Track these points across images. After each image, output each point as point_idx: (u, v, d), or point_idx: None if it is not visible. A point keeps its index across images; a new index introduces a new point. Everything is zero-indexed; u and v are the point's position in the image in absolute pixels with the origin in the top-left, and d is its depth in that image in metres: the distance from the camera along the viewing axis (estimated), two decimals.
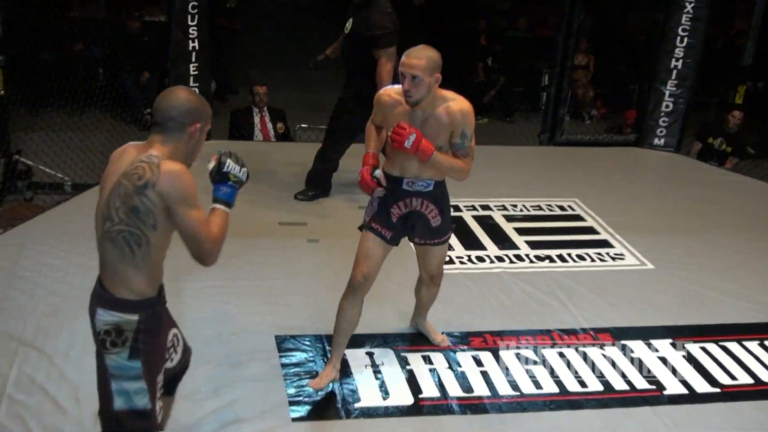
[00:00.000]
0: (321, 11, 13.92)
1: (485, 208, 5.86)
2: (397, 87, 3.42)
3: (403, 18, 5.70)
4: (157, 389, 2.56)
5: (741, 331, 4.36)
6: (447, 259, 4.92)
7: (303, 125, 7.68)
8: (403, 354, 3.97)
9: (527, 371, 3.92)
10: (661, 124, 7.53)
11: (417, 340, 4.10)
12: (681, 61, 7.34)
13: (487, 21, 11.11)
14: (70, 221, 5.21)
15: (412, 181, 3.49)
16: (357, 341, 3.99)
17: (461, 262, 5.00)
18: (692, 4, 7.20)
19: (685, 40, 7.28)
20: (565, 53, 7.55)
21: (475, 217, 5.68)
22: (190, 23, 6.54)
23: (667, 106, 7.49)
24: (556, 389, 3.79)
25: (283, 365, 3.82)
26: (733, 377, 3.98)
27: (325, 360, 3.83)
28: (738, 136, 7.90)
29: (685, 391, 3.85)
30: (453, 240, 5.27)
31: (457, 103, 3.40)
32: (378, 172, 3.50)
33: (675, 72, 7.38)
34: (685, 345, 4.20)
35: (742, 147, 8.05)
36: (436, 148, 3.36)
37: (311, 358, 3.88)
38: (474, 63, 10.10)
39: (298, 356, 3.90)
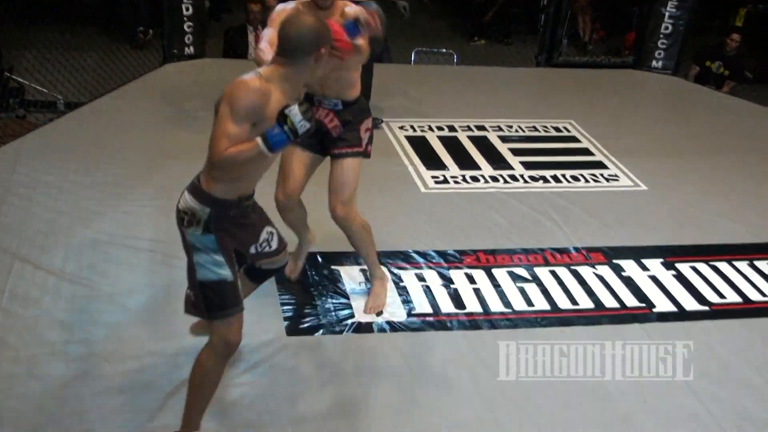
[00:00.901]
0: None
1: (480, 128, 5.83)
2: (290, 4, 3.38)
3: None
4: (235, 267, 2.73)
5: (732, 251, 4.38)
6: (441, 178, 4.96)
7: None
8: (396, 271, 3.99)
9: (519, 289, 3.95)
10: (660, 47, 7.45)
11: (411, 258, 4.12)
12: None
13: None
14: (63, 138, 5.18)
15: (320, 100, 3.45)
16: (351, 259, 4.02)
17: (455, 182, 5.00)
18: None
19: None
20: None
21: (471, 138, 5.66)
22: None
23: (666, 28, 7.40)
24: (547, 306, 3.82)
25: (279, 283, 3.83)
26: (721, 296, 4.02)
27: (318, 275, 3.86)
28: (736, 59, 7.82)
29: (674, 308, 3.89)
30: (448, 159, 5.27)
31: (352, 9, 3.35)
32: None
33: None
34: (676, 264, 4.23)
35: (740, 71, 7.98)
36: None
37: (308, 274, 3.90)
38: None
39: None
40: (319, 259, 4.02)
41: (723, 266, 4.26)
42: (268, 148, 2.49)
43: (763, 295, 4.06)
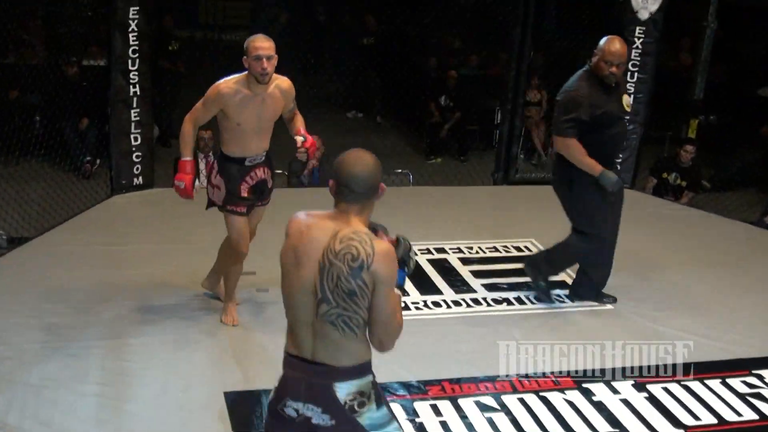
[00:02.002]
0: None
1: (440, 251, 5.89)
2: (233, 77, 4.27)
3: (356, 58, 5.75)
4: None
5: (703, 370, 4.40)
6: (402, 305, 4.95)
7: None
8: None
9: (488, 419, 3.91)
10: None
11: None
12: (632, 96, 7.48)
13: (437, 59, 11.25)
14: (5, 277, 5.12)
15: (253, 158, 4.37)
16: None
17: (417, 308, 5.01)
18: (641, 39, 7.38)
19: (636, 75, 7.45)
20: (516, 90, 7.67)
21: (431, 261, 5.70)
22: (131, 67, 6.53)
23: None
24: None
25: (234, 423, 3.76)
26: (696, 417, 4.02)
27: None
28: (692, 170, 8.06)
29: None
30: (408, 285, 5.29)
31: (283, 81, 4.38)
32: None
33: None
34: (647, 386, 4.23)
35: (697, 181, 8.21)
36: (278, 116, 4.41)
37: (263, 415, 3.83)
38: (427, 101, 10.22)
39: (250, 413, 3.84)
40: None
41: (695, 385, 4.28)
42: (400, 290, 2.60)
43: (739, 414, 4.07)
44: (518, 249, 6.03)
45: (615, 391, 4.20)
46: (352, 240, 2.43)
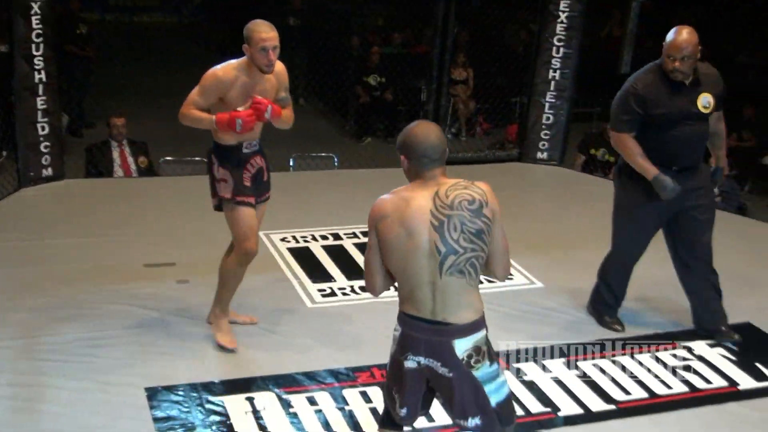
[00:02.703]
0: (186, 34, 13.91)
1: (366, 234, 5.89)
2: (231, 63, 4.06)
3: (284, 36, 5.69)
4: None
5: (634, 344, 4.52)
6: (328, 291, 5.00)
7: (168, 158, 7.57)
8: (285, 396, 3.95)
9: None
10: (543, 137, 7.79)
11: (300, 380, 4.09)
12: (558, 71, 7.63)
13: (360, 38, 11.28)
14: None
15: (247, 144, 4.17)
16: (235, 386, 3.97)
17: (344, 294, 5.03)
18: (566, 14, 7.49)
19: (561, 50, 7.56)
20: (441, 68, 7.72)
21: (357, 245, 5.72)
22: (35, 53, 6.38)
23: (548, 119, 7.75)
24: (449, 420, 3.82)
25: (155, 419, 3.74)
26: (627, 392, 4.13)
27: (202, 410, 3.79)
28: None
29: (580, 410, 3.97)
30: (335, 270, 5.31)
31: (277, 63, 4.09)
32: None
33: (553, 83, 7.66)
34: (579, 363, 4.33)
35: None
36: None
37: (186, 410, 3.82)
38: (353, 83, 10.23)
39: (171, 408, 3.82)
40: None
41: (625, 360, 4.39)
42: None
43: (669, 387, 4.20)
44: None
45: (546, 370, 4.29)
46: (457, 189, 2.76)
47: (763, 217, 7.48)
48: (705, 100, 4.38)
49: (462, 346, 2.77)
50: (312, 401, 3.94)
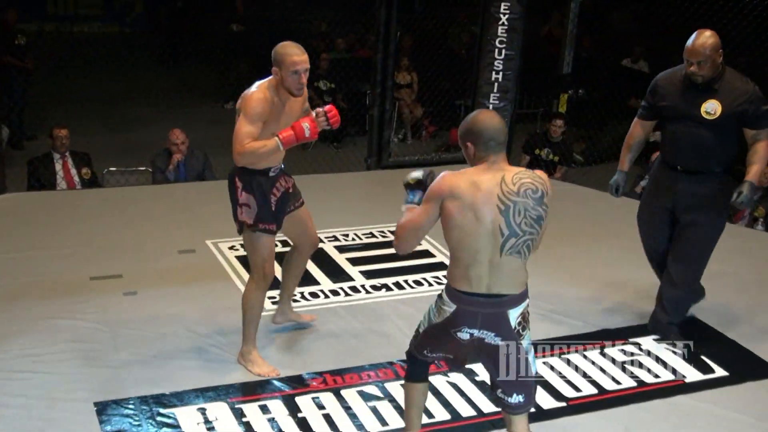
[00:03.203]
0: (128, 43, 13.76)
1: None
2: (263, 85, 3.94)
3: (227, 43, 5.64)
4: None
5: (582, 342, 4.57)
6: (278, 298, 4.96)
7: (112, 169, 7.46)
8: (238, 406, 3.91)
9: (371, 408, 3.95)
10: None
11: (251, 388, 4.06)
12: (501, 73, 7.68)
13: (305, 43, 11.25)
14: None
15: (274, 168, 4.09)
16: (186, 398, 3.93)
17: (294, 300, 4.99)
18: (507, 16, 7.55)
19: (503, 52, 7.62)
20: (385, 73, 7.72)
21: None
22: None
23: None
24: (401, 424, 3.83)
25: None
26: (577, 389, 4.17)
27: (153, 423, 3.74)
28: (564, 144, 8.33)
29: (531, 409, 3.99)
30: None
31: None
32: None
33: (496, 85, 7.71)
34: None
35: (569, 155, 8.49)
36: None
37: (137, 423, 3.76)
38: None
39: (122, 423, 3.77)
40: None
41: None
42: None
43: (618, 383, 4.25)
44: (394, 233, 6.07)
45: None
46: (523, 179, 3.00)
47: None
48: (710, 106, 4.37)
49: (514, 315, 3.05)
50: (265, 409, 3.91)
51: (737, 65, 4.67)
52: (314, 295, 5.09)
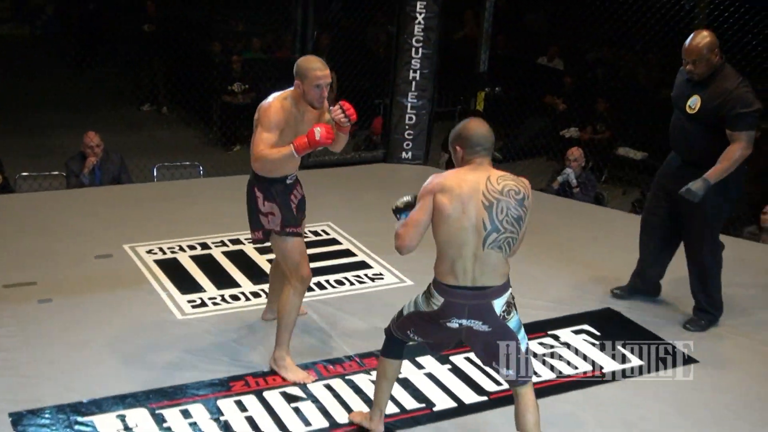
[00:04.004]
0: (39, 46, 13.44)
1: (235, 242, 5.85)
2: (283, 95, 4.00)
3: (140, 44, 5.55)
4: None
5: None
6: (198, 302, 4.93)
7: (24, 174, 7.28)
8: (158, 411, 3.86)
9: (294, 409, 3.94)
10: (407, 137, 7.89)
11: (173, 393, 4.00)
12: (419, 72, 7.74)
13: (222, 44, 11.15)
14: None
15: (290, 175, 4.20)
16: (105, 405, 3.86)
17: (214, 304, 4.95)
18: (423, 15, 7.61)
19: (420, 50, 7.68)
20: None
21: (226, 253, 5.66)
22: None
23: (410, 119, 7.86)
24: (326, 424, 3.84)
25: None
26: (497, 383, 4.21)
27: (70, 431, 3.67)
28: None
29: (454, 404, 4.04)
30: (204, 280, 5.23)
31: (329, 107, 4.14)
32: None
33: (414, 83, 7.77)
34: (450, 358, 4.40)
35: None
36: None
37: None
38: (218, 88, 10.11)
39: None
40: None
41: None
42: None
43: (537, 375, 4.30)
44: (315, 233, 6.08)
45: (420, 366, 4.34)
46: (507, 180, 3.22)
47: (618, 206, 7.79)
48: (692, 101, 4.63)
49: (499, 304, 3.29)
50: (186, 414, 3.86)
51: (649, 61, 4.87)
52: (235, 297, 5.04)
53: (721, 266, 4.94)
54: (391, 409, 3.95)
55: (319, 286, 5.23)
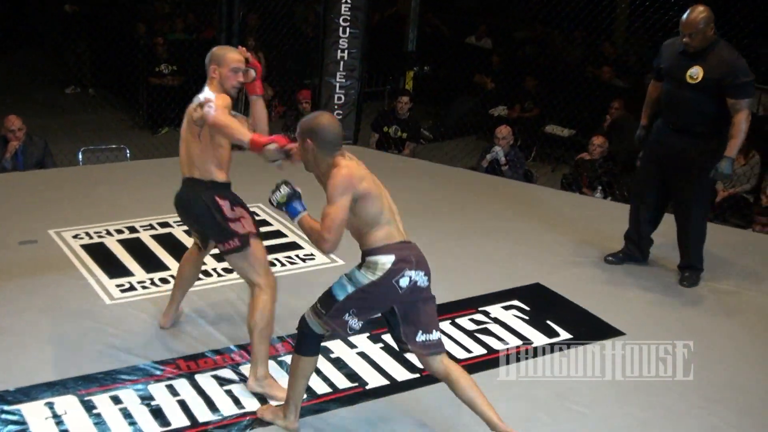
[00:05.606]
0: None
1: (164, 225, 5.78)
2: (213, 89, 3.85)
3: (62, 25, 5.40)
4: None
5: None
6: (127, 286, 4.87)
7: None
8: (88, 398, 3.81)
9: (227, 392, 3.92)
10: (337, 117, 7.85)
11: (102, 379, 3.95)
12: (347, 52, 7.73)
13: (146, 25, 10.97)
14: None
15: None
16: (32, 393, 3.80)
17: (143, 287, 4.90)
18: None
19: (348, 30, 7.66)
20: None
21: (155, 237, 5.60)
22: None
23: (339, 99, 7.85)
24: (258, 405, 3.83)
25: None
26: None
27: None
28: (411, 121, 8.44)
29: (386, 382, 4.07)
30: (132, 264, 5.16)
31: None
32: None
33: (342, 63, 7.75)
34: (382, 336, 4.42)
35: (417, 131, 8.62)
36: None
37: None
38: (144, 70, 9.94)
39: None
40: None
41: None
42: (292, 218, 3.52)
43: (468, 351, 4.38)
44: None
45: (352, 346, 4.36)
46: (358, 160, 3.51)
47: (547, 183, 7.90)
48: (694, 71, 4.92)
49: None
50: (116, 400, 3.82)
51: (575, 39, 5.02)
52: (164, 281, 4.99)
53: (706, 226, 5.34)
54: (323, 388, 3.98)
55: None
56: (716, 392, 4.17)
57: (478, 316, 4.74)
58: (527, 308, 4.85)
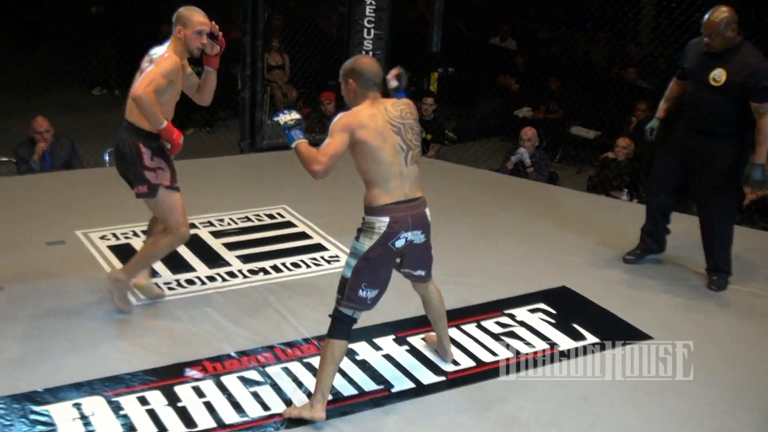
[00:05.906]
0: None
1: (190, 226, 5.77)
2: (169, 47, 4.24)
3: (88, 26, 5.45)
4: None
5: (458, 316, 4.64)
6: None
7: None
8: (115, 399, 3.83)
9: (253, 394, 3.93)
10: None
11: (128, 380, 3.97)
12: (371, 53, 7.71)
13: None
14: None
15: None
16: (60, 394, 3.82)
17: (169, 288, 4.91)
18: None
19: (372, 31, 7.66)
20: (254, 54, 7.64)
21: None
22: None
23: None
24: (283, 408, 3.83)
25: None
26: (456, 363, 4.24)
27: (26, 422, 3.62)
28: (436, 122, 8.42)
29: (412, 385, 4.06)
30: (159, 265, 5.17)
31: None
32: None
33: None
34: (408, 338, 4.42)
35: (442, 133, 8.60)
36: None
37: (8, 423, 3.63)
38: None
39: None
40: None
41: (452, 332, 4.50)
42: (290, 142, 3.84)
43: (494, 354, 4.35)
44: (271, 216, 6.06)
45: (377, 348, 4.35)
46: (399, 105, 3.71)
47: (572, 185, 7.86)
48: (717, 74, 4.88)
49: (428, 212, 3.77)
50: (143, 401, 3.83)
51: (600, 40, 4.96)
52: (190, 282, 5.01)
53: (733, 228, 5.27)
54: (349, 391, 3.97)
55: (276, 269, 5.22)
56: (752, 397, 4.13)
57: (504, 319, 4.72)
58: (554, 311, 4.82)
